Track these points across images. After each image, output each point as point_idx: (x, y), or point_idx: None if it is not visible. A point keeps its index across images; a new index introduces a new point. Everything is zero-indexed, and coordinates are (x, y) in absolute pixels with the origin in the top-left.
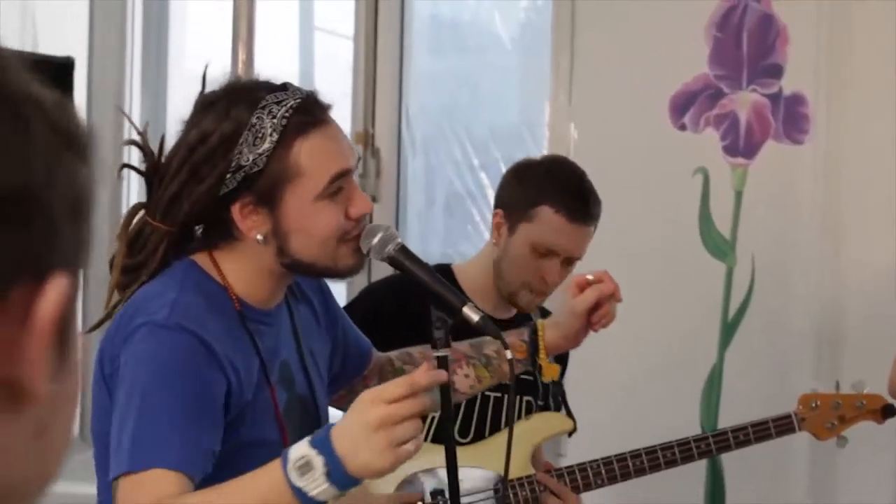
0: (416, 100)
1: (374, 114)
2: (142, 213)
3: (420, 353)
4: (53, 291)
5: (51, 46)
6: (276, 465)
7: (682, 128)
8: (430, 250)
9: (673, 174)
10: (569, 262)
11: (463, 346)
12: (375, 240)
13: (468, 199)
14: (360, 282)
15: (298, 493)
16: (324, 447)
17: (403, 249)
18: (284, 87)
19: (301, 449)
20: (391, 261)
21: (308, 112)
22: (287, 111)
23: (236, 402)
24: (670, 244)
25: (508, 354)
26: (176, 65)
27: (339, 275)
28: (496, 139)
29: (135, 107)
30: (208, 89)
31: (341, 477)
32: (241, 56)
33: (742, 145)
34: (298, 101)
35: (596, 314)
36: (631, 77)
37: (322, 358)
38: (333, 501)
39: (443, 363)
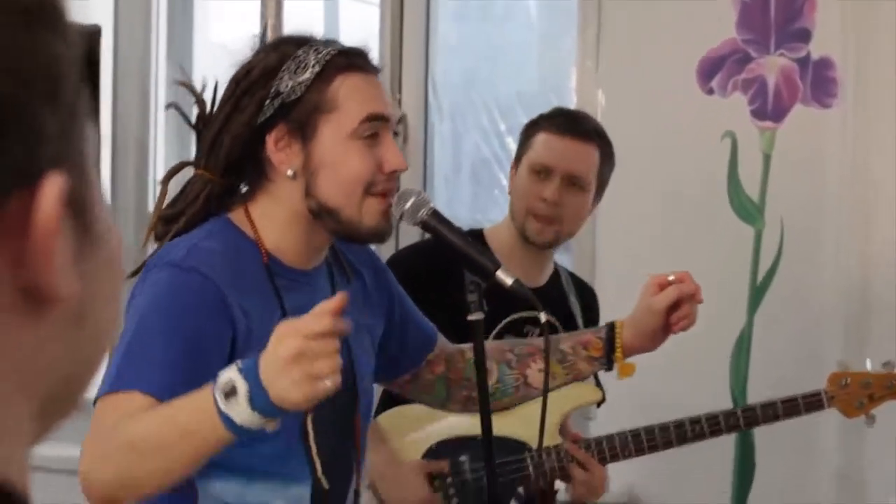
0: (442, 66)
1: (401, 81)
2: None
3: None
4: (48, 193)
5: (77, 15)
6: (208, 387)
7: (710, 92)
8: (457, 216)
9: (701, 138)
10: (570, 182)
11: (538, 341)
12: (408, 204)
13: (495, 164)
14: (388, 250)
15: (224, 418)
16: (249, 373)
17: (436, 214)
18: (336, 41)
19: (229, 373)
20: (424, 225)
21: (354, 57)
22: (334, 50)
23: (243, 349)
24: (699, 208)
25: (542, 317)
26: (202, 33)
27: (363, 233)
28: (523, 105)
29: (161, 75)
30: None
31: (264, 404)
32: (270, 22)
33: (770, 109)
34: (348, 47)
35: (675, 315)
36: (658, 42)
37: (370, 334)
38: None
39: (476, 328)
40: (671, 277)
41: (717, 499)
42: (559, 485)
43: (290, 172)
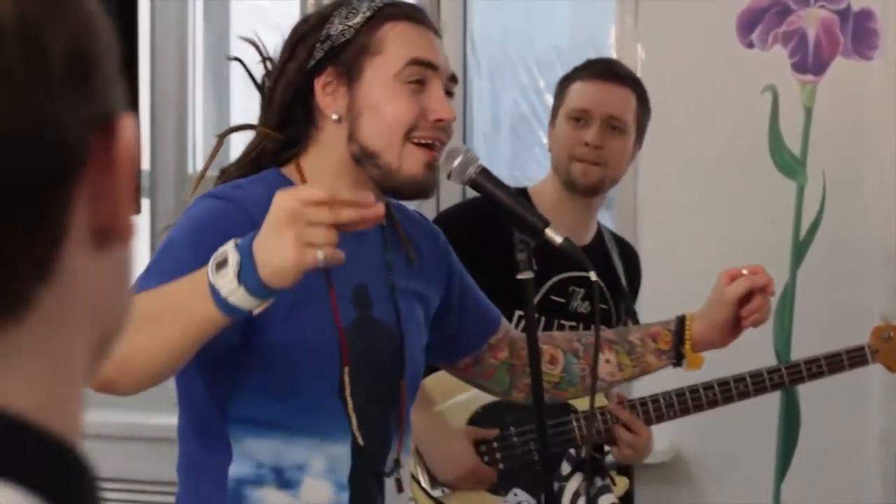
0: (479, 23)
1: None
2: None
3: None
4: (126, 131)
5: None
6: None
7: (750, 45)
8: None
9: (741, 92)
10: (610, 125)
11: (607, 332)
12: (456, 162)
13: (534, 121)
14: (429, 211)
15: (213, 290)
16: (243, 247)
17: (485, 171)
18: None
19: (225, 246)
20: (473, 184)
21: (407, 8)
22: (388, 1)
23: None
24: (740, 163)
25: (592, 276)
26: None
27: (403, 181)
28: (561, 61)
29: (198, 36)
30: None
31: (250, 279)
32: None
33: (811, 62)
34: (404, 2)
35: (747, 307)
36: None
37: (422, 304)
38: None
39: (526, 287)
40: (745, 270)
41: (761, 456)
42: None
43: (335, 116)
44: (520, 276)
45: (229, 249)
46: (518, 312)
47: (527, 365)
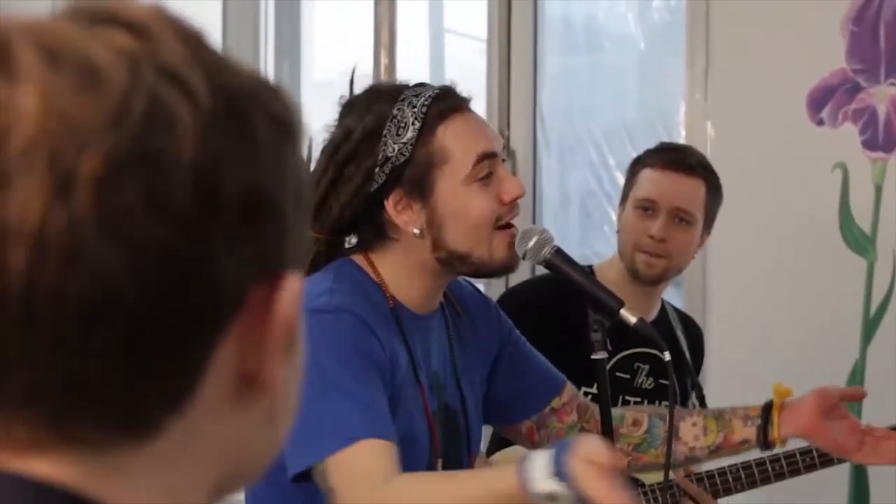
0: (549, 100)
1: (509, 115)
2: None
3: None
4: (290, 290)
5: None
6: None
7: (820, 123)
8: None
9: (812, 169)
10: (676, 217)
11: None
12: (531, 243)
13: (604, 198)
14: (498, 288)
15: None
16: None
17: (560, 252)
18: (423, 84)
19: (548, 485)
20: (548, 264)
21: (447, 99)
22: (427, 100)
23: (389, 383)
24: (810, 240)
25: (666, 356)
26: (308, 72)
27: (493, 269)
28: (631, 139)
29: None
30: (346, 93)
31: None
32: (384, 61)
33: (881, 139)
34: (437, 91)
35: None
36: (767, 73)
37: (478, 372)
38: None
39: (600, 367)
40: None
41: None
42: None
43: (416, 231)
44: (594, 357)
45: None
46: (584, 389)
47: (600, 430)
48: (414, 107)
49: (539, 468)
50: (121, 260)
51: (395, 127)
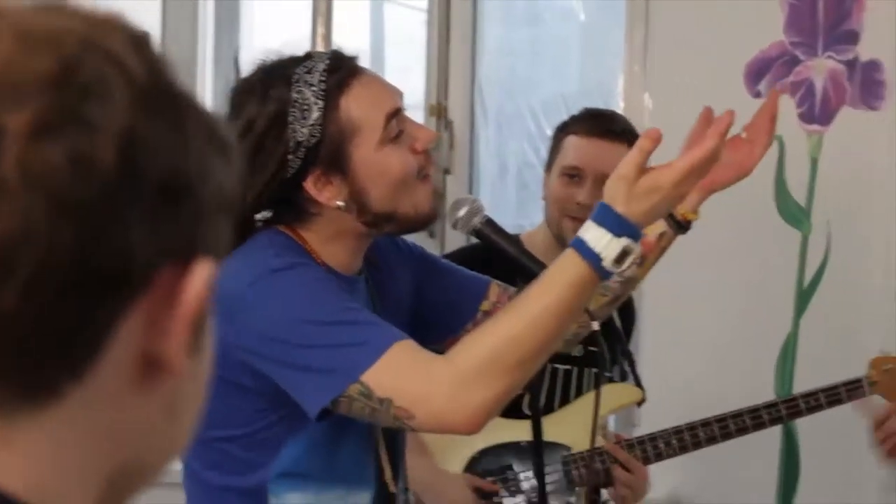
0: (487, 71)
1: (447, 86)
2: None
3: None
4: (201, 273)
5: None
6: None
7: (758, 95)
8: (502, 221)
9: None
10: (602, 183)
11: None
12: (461, 212)
13: (541, 169)
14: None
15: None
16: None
17: (489, 222)
18: (309, 55)
19: (616, 244)
20: (477, 233)
21: (339, 69)
22: (322, 75)
23: None
24: (746, 212)
25: (594, 325)
26: (248, 38)
27: (418, 222)
28: (570, 110)
29: (207, 84)
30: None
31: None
32: (320, 30)
33: (818, 112)
34: (327, 62)
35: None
36: (706, 45)
37: (403, 316)
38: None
39: None
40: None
41: (761, 500)
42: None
43: (340, 204)
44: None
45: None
46: None
47: None
48: (312, 85)
49: (597, 238)
50: (40, 210)
51: (299, 111)
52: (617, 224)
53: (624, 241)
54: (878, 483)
